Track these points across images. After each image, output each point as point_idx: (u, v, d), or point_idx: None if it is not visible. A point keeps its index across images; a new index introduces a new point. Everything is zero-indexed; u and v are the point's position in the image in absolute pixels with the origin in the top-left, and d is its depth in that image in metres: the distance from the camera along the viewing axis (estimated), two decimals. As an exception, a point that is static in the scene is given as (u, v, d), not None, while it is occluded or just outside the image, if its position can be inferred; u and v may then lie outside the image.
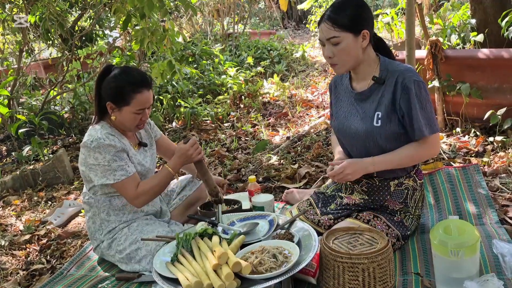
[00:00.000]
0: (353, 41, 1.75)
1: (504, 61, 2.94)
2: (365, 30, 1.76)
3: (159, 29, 3.58)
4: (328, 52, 1.79)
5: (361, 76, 1.89)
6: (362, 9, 1.78)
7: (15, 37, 5.88)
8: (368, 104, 1.87)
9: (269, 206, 2.24)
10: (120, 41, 6.96)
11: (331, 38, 1.75)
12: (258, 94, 5.26)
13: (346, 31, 1.73)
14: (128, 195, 2.01)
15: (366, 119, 1.85)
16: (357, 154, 1.93)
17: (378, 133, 1.81)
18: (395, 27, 4.64)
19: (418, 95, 1.76)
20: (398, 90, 1.77)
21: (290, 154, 3.43)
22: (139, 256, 2.01)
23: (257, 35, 9.15)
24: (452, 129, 3.35)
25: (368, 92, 1.87)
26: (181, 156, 2.06)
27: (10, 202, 3.30)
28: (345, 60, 1.79)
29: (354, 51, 1.78)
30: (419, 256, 1.84)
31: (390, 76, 1.81)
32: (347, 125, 1.92)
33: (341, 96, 2.01)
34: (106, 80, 2.02)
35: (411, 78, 1.76)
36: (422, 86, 1.78)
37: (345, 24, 1.73)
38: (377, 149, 1.84)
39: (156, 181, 2.06)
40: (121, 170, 1.98)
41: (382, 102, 1.82)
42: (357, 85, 1.93)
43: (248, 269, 1.48)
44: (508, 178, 2.49)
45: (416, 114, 1.76)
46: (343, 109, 1.98)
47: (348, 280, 1.49)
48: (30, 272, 2.28)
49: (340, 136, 2.01)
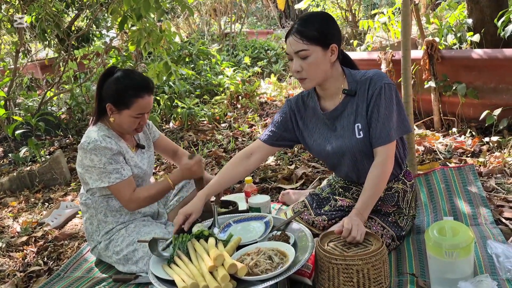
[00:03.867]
0: (322, 54, 1.72)
1: (500, 62, 2.95)
2: (333, 44, 1.74)
3: (155, 29, 3.58)
4: (296, 66, 1.74)
5: (329, 92, 1.85)
6: (330, 23, 1.76)
7: (12, 38, 5.87)
8: (344, 120, 1.83)
9: (266, 207, 2.25)
10: (117, 41, 6.95)
11: (300, 51, 1.71)
12: (255, 94, 5.26)
13: (314, 45, 1.70)
14: (122, 199, 2.02)
15: (346, 134, 1.82)
16: (347, 171, 1.92)
17: (363, 145, 1.78)
18: (392, 27, 4.65)
19: (389, 97, 1.73)
20: (371, 96, 1.75)
21: (287, 155, 3.44)
22: (136, 258, 2.01)
23: (254, 35, 9.15)
24: (448, 129, 3.36)
25: (342, 107, 1.83)
26: (184, 171, 2.12)
27: (7, 204, 3.30)
28: (314, 74, 1.75)
29: (323, 65, 1.75)
30: (414, 256, 1.85)
31: (361, 85, 1.79)
32: (330, 147, 1.87)
33: (310, 119, 1.95)
34: (109, 82, 2.02)
35: (381, 81, 1.74)
36: (393, 89, 1.76)
37: (314, 37, 1.70)
38: (366, 160, 1.81)
39: (154, 191, 2.09)
40: (116, 173, 1.98)
41: (359, 113, 1.79)
42: (326, 104, 1.88)
43: (244, 271, 1.49)
44: (504, 179, 2.50)
45: (376, 120, 1.74)
46: (318, 132, 1.92)
47: (343, 282, 1.50)
48: (28, 274, 2.28)
49: (324, 159, 1.98)
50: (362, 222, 1.66)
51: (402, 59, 2.60)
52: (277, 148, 2.08)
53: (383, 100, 1.73)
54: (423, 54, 3.26)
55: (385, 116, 1.73)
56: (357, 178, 1.93)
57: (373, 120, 1.75)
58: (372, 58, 3.68)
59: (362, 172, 1.84)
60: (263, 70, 6.68)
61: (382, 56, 3.57)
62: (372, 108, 1.75)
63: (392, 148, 1.76)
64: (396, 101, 1.76)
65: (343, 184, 2.04)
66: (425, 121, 3.53)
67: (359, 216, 1.67)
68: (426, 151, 3.04)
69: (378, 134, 1.74)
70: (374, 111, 1.74)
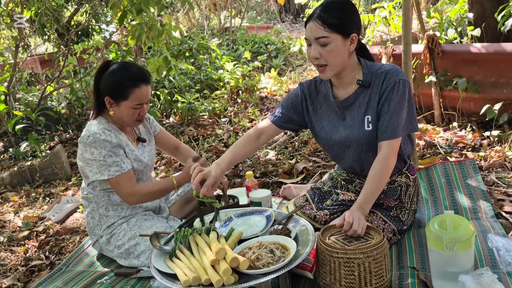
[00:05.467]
0: (342, 43, 1.71)
1: (501, 56, 2.94)
2: (354, 33, 1.73)
3: (156, 24, 3.57)
4: (314, 53, 1.72)
5: (343, 81, 1.84)
6: (352, 12, 1.74)
7: (11, 32, 5.85)
8: (354, 110, 1.83)
9: (267, 202, 2.25)
10: (117, 36, 6.93)
11: (320, 38, 1.69)
12: (255, 89, 5.26)
13: (335, 33, 1.69)
14: (122, 192, 2.02)
15: (355, 125, 1.81)
16: (351, 163, 1.92)
17: (371, 137, 1.79)
18: (392, 21, 4.64)
19: (402, 93, 1.73)
20: (385, 90, 1.75)
21: (288, 149, 3.44)
22: (137, 252, 2.02)
23: (254, 29, 9.12)
24: (449, 123, 3.36)
25: (354, 97, 1.83)
26: (189, 173, 2.10)
27: (8, 199, 3.31)
28: (333, 62, 1.73)
29: (342, 54, 1.73)
30: (415, 250, 1.86)
31: (376, 78, 1.78)
32: (337, 136, 1.87)
33: (320, 105, 1.94)
34: (105, 75, 2.03)
35: (397, 77, 1.74)
36: (407, 85, 1.76)
37: (336, 25, 1.68)
38: (371, 153, 1.82)
39: (157, 188, 2.10)
40: (116, 166, 1.99)
41: (371, 105, 1.79)
42: (339, 92, 1.87)
43: (245, 264, 1.49)
44: (504, 173, 2.51)
45: (385, 114, 1.74)
46: (327, 120, 1.92)
47: (344, 275, 1.50)
48: (29, 268, 2.29)
49: (329, 148, 1.97)
50: (364, 216, 1.66)
51: (402, 53, 2.59)
52: (284, 130, 2.09)
53: (395, 95, 1.73)
54: (424, 48, 3.25)
55: (394, 111, 1.73)
56: (361, 170, 1.94)
57: (382, 114, 1.75)
58: (373, 53, 3.66)
59: (366, 164, 1.84)
60: (263, 64, 6.67)
61: (382, 50, 3.57)
62: (383, 101, 1.75)
63: (396, 144, 1.76)
64: (408, 99, 1.76)
65: (346, 177, 2.04)
66: (425, 116, 3.53)
67: (360, 210, 1.67)
68: (427, 145, 3.04)
69: (384, 128, 1.74)
70: (385, 105, 1.74)
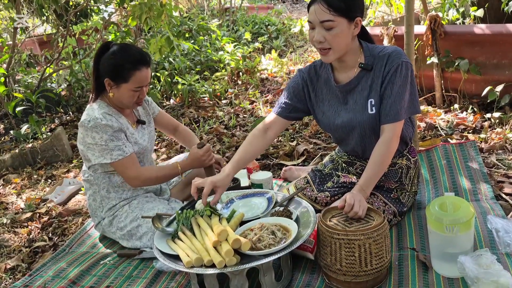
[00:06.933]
0: (347, 27, 1.68)
1: (504, 37, 2.91)
2: (358, 17, 1.70)
3: (155, 3, 3.52)
4: (318, 37, 1.68)
5: (345, 65, 1.82)
6: None
7: (9, 13, 5.79)
8: (357, 94, 1.81)
9: (268, 184, 2.27)
10: (116, 17, 6.85)
11: (325, 21, 1.66)
12: (256, 71, 5.22)
13: (341, 16, 1.65)
14: (125, 174, 2.03)
15: (358, 109, 1.80)
16: (353, 146, 1.91)
17: (374, 121, 1.78)
18: (395, 1, 4.58)
19: (404, 76, 1.72)
20: (388, 72, 1.73)
21: (288, 131, 3.44)
22: (140, 233, 2.04)
23: (254, 10, 9.01)
24: (450, 105, 3.35)
25: (356, 81, 1.81)
26: (194, 160, 2.14)
27: (10, 181, 3.32)
28: (337, 46, 1.69)
29: (346, 38, 1.70)
30: (415, 231, 1.87)
31: (379, 61, 1.76)
32: (339, 120, 1.86)
33: (321, 90, 1.92)
34: (105, 57, 2.01)
35: (399, 59, 1.72)
36: (410, 68, 1.74)
37: (341, 8, 1.64)
38: (374, 136, 1.81)
39: (162, 173, 2.12)
40: (118, 150, 1.99)
41: (373, 88, 1.77)
42: (340, 76, 1.85)
43: (247, 246, 1.51)
44: (504, 155, 2.51)
45: (388, 97, 1.72)
46: (328, 104, 1.90)
47: (345, 256, 1.52)
48: (33, 249, 2.32)
49: (332, 132, 1.96)
50: (365, 198, 1.67)
51: (405, 34, 2.57)
52: (291, 122, 2.07)
53: (398, 78, 1.72)
54: (426, 29, 3.22)
55: (397, 94, 1.72)
56: (362, 153, 1.94)
57: (385, 97, 1.74)
58: (375, 34, 3.63)
59: (368, 147, 1.84)
60: (263, 46, 6.61)
61: (384, 31, 3.53)
62: (386, 84, 1.74)
63: (399, 127, 1.76)
64: (410, 81, 1.75)
65: (347, 159, 2.04)
66: (427, 97, 3.52)
67: (361, 192, 1.68)
68: (428, 127, 3.04)
69: (387, 111, 1.73)
70: (388, 88, 1.73)
